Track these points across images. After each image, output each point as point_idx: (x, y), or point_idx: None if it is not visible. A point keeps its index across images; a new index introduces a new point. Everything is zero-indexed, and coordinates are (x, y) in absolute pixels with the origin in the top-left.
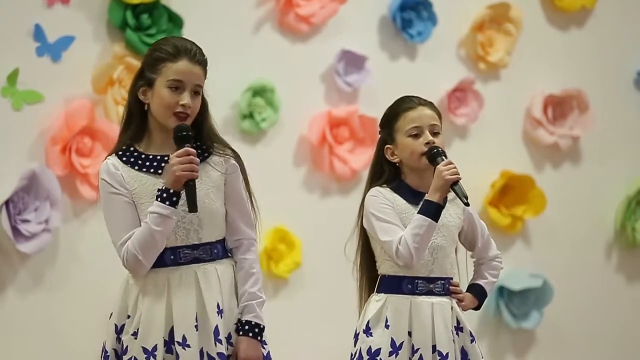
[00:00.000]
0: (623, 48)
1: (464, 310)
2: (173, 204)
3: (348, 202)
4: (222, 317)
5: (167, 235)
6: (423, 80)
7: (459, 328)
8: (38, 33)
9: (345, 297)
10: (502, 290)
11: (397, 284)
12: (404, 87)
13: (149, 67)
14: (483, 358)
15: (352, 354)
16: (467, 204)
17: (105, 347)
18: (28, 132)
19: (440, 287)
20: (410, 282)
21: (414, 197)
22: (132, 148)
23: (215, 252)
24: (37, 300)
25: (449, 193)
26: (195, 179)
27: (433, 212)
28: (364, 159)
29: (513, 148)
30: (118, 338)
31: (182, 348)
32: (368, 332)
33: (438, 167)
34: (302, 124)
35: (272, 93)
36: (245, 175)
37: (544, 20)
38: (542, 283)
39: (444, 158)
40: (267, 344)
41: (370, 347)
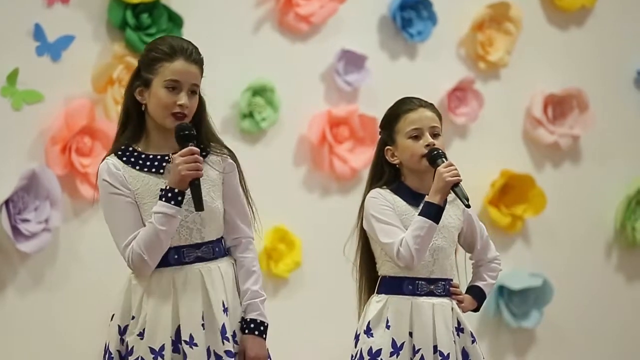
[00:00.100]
0: (623, 47)
1: (464, 312)
2: (178, 204)
3: (348, 201)
4: (227, 315)
5: (171, 235)
6: (423, 80)
7: (460, 329)
8: (38, 32)
9: (345, 297)
10: (502, 290)
11: (397, 285)
12: (404, 86)
13: (146, 67)
14: (484, 359)
15: (352, 355)
16: (468, 206)
17: (109, 348)
18: (28, 131)
19: (441, 288)
20: (411, 283)
21: (414, 198)
22: (130, 148)
23: (217, 250)
24: (37, 300)
25: (448, 194)
26: (200, 178)
27: (434, 213)
28: (364, 159)
29: (513, 147)
30: (121, 339)
31: (189, 347)
32: (369, 332)
33: (439, 168)
34: (302, 124)
35: (272, 92)
36: (242, 174)
37: (544, 20)
38: (542, 282)
39: (445, 160)
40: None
41: (371, 347)
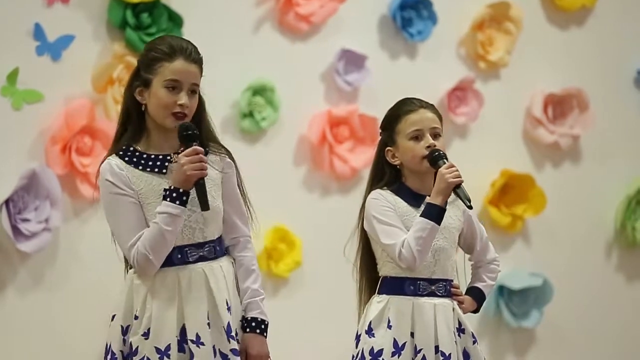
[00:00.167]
0: (623, 47)
1: (464, 313)
2: (183, 204)
3: (348, 201)
4: (231, 313)
5: (176, 235)
6: (423, 80)
7: (461, 329)
8: (38, 32)
9: (345, 296)
10: (502, 290)
11: (399, 285)
12: (404, 86)
13: (145, 67)
14: (485, 359)
15: (353, 356)
16: (470, 207)
17: (112, 349)
18: (28, 131)
19: (442, 288)
20: (413, 283)
21: (415, 199)
22: (131, 148)
23: (218, 249)
24: (37, 300)
25: (450, 196)
26: (205, 177)
27: (436, 215)
28: (364, 158)
29: (513, 147)
30: (124, 339)
31: (196, 346)
32: (370, 332)
33: (440, 170)
34: (302, 123)
35: (272, 92)
36: (239, 173)
37: (544, 20)
38: (542, 282)
39: (446, 161)
40: None
41: (373, 347)
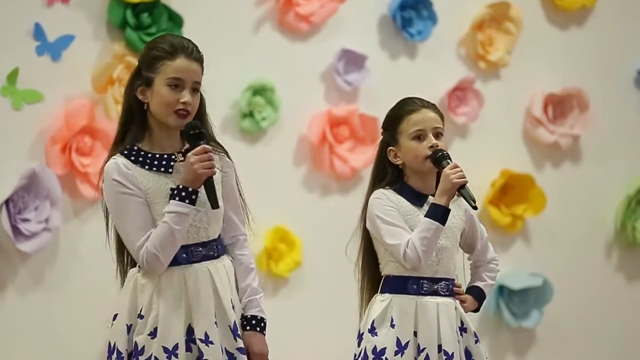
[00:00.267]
0: (623, 47)
1: (465, 312)
2: (192, 202)
3: (348, 201)
4: (235, 312)
5: (184, 234)
6: (423, 80)
7: (463, 329)
8: (38, 32)
9: (346, 296)
10: (502, 289)
11: (402, 285)
12: (404, 86)
13: (147, 66)
14: (487, 358)
15: (355, 354)
16: (475, 207)
17: (117, 347)
18: (28, 131)
19: (445, 287)
20: (415, 282)
21: (418, 199)
22: (135, 147)
23: (219, 248)
24: (37, 300)
25: (454, 196)
26: (213, 176)
27: (440, 215)
28: (364, 158)
29: (513, 147)
30: (128, 338)
31: (205, 345)
32: (373, 331)
33: (445, 170)
34: (302, 123)
35: (272, 92)
36: (236, 173)
37: (544, 19)
38: (542, 282)
39: (450, 161)
40: None
41: (376, 346)
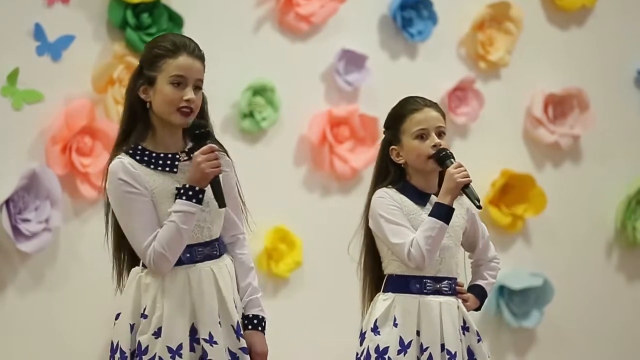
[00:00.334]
0: (623, 47)
1: (467, 311)
2: (200, 202)
3: (348, 201)
4: (237, 311)
5: (191, 233)
6: (423, 80)
7: (465, 328)
8: (38, 32)
9: (346, 296)
10: (502, 290)
11: (404, 284)
12: (405, 86)
13: (149, 65)
14: (489, 358)
15: (357, 353)
16: (479, 207)
17: (121, 347)
18: (28, 131)
19: (447, 286)
20: (418, 281)
21: (421, 198)
22: (139, 147)
23: (221, 247)
24: (37, 300)
25: (458, 195)
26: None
27: (444, 214)
28: (365, 158)
29: (513, 147)
30: (132, 338)
31: (209, 345)
32: (376, 330)
33: (449, 169)
34: (302, 123)
35: (272, 92)
36: (235, 172)
37: (545, 20)
38: (542, 282)
39: (453, 160)
40: None
41: (378, 345)
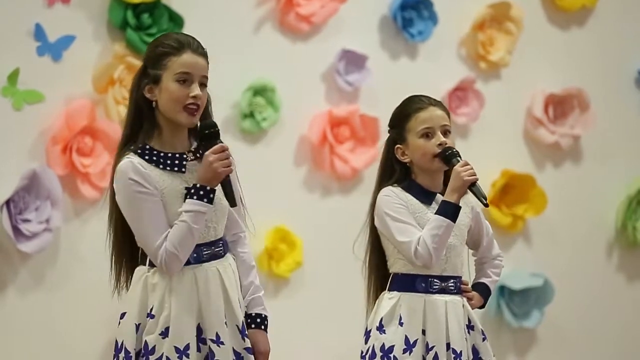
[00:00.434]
0: (624, 47)
1: (472, 309)
2: (210, 201)
3: (349, 201)
4: (242, 311)
5: (201, 233)
6: (424, 80)
7: (470, 326)
8: (38, 32)
9: (346, 296)
10: (503, 290)
11: (410, 282)
12: (405, 86)
13: (153, 63)
14: (494, 357)
15: (362, 351)
16: (486, 205)
17: (126, 346)
18: (29, 131)
19: (453, 285)
20: (424, 280)
21: (426, 196)
22: (147, 147)
23: (225, 246)
24: (37, 300)
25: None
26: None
27: (451, 212)
28: (365, 159)
29: (514, 147)
30: (137, 337)
31: (216, 345)
32: (381, 329)
33: (455, 168)
34: (302, 124)
35: (272, 92)
36: (236, 171)
37: (545, 20)
38: (543, 282)
39: (460, 159)
40: None
41: (384, 344)
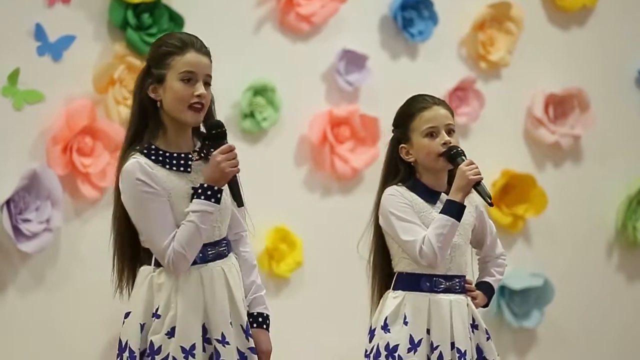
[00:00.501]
0: (624, 47)
1: (476, 308)
2: (218, 201)
3: (349, 201)
4: (246, 311)
5: (207, 233)
6: (424, 80)
7: (474, 326)
8: (39, 32)
9: (347, 296)
10: (503, 290)
11: (415, 282)
12: (405, 86)
13: (157, 63)
14: (498, 356)
15: (366, 350)
16: (491, 204)
17: (130, 346)
18: (29, 131)
19: (458, 284)
20: (429, 279)
21: (431, 196)
22: (153, 147)
23: (229, 246)
24: (37, 300)
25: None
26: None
27: (456, 211)
28: (365, 158)
29: (514, 147)
30: (142, 337)
31: (222, 345)
32: (386, 328)
33: (460, 167)
34: (303, 124)
35: (273, 92)
36: None
37: (545, 20)
38: (543, 282)
39: (464, 158)
40: None
41: (388, 343)
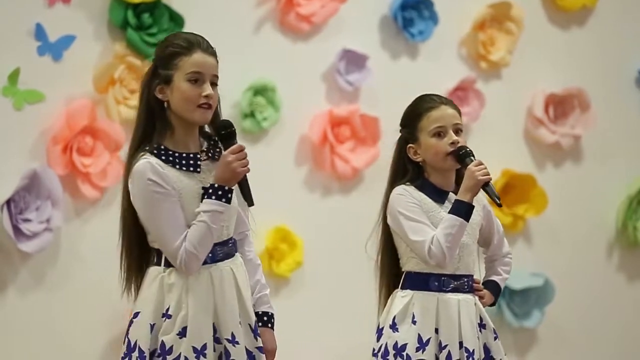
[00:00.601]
0: (624, 47)
1: (483, 307)
2: (229, 201)
3: (349, 201)
4: (253, 310)
5: (218, 232)
6: (424, 79)
7: (482, 325)
8: (39, 32)
9: (347, 296)
10: (503, 290)
11: (423, 281)
12: (405, 86)
13: (164, 64)
14: (506, 355)
15: (374, 349)
16: (499, 205)
17: (139, 346)
18: (29, 131)
19: (466, 284)
20: (437, 279)
21: (439, 195)
22: (162, 147)
23: (235, 246)
24: (37, 300)
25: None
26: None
27: (464, 211)
28: (366, 158)
29: (514, 147)
30: (152, 337)
31: (232, 345)
32: (394, 327)
33: (469, 167)
34: (303, 123)
35: (273, 92)
36: None
37: (545, 19)
38: (543, 282)
39: (473, 158)
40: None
41: (397, 342)
